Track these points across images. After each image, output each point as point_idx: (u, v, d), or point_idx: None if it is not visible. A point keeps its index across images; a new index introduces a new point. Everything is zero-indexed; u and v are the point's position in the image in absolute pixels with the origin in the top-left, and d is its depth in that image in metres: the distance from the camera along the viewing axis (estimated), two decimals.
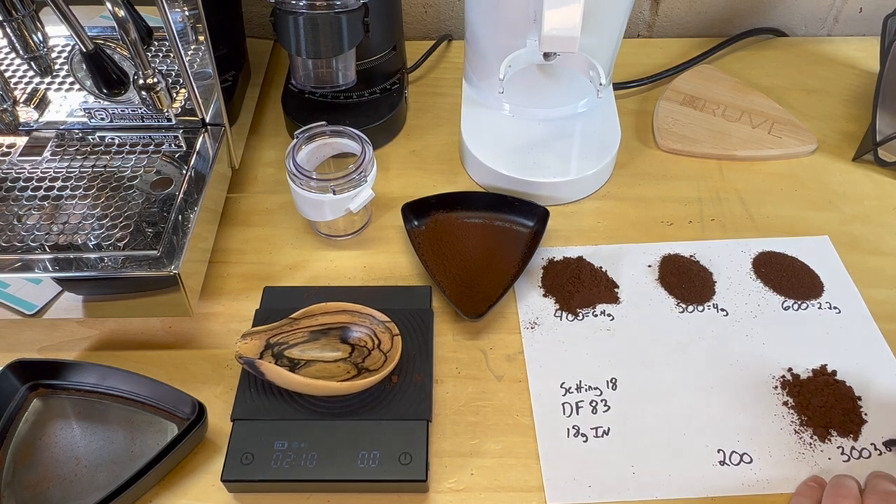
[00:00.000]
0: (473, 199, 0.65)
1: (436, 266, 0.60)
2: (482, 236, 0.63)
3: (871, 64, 0.83)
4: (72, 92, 0.66)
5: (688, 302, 0.59)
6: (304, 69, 0.65)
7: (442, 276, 0.60)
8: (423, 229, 0.63)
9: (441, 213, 0.65)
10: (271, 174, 0.71)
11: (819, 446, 0.50)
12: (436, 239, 0.63)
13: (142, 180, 0.59)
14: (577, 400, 0.53)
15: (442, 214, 0.64)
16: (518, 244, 0.62)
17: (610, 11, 0.60)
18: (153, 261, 0.52)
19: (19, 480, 0.48)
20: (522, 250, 0.62)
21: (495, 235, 0.63)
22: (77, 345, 0.57)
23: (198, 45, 0.61)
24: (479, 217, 0.65)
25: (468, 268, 0.61)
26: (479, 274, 0.60)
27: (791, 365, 0.55)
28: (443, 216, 0.64)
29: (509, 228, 0.64)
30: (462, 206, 0.65)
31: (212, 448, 0.51)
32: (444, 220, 0.64)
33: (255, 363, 0.49)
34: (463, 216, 0.65)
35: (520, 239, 0.63)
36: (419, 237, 0.63)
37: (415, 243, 0.61)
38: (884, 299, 0.59)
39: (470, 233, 0.64)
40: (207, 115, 0.63)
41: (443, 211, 0.65)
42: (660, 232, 0.65)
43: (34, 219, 0.55)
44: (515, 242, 0.63)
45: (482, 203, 0.65)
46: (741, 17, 0.90)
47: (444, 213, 0.65)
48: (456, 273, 0.60)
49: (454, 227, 0.64)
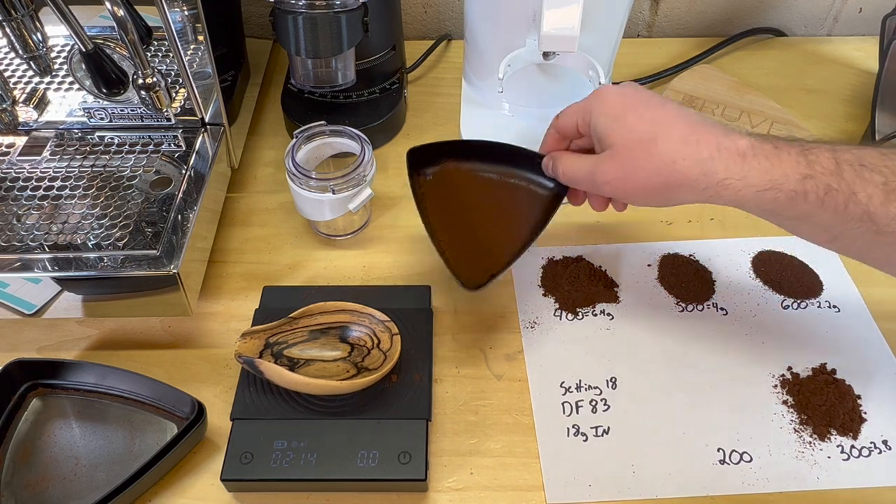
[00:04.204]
0: (490, 151, 0.58)
1: (438, 224, 0.54)
2: (495, 194, 0.57)
3: (870, 64, 0.84)
4: (71, 92, 0.66)
5: (687, 301, 0.59)
6: (304, 69, 0.65)
7: (444, 236, 0.54)
8: (430, 178, 0.57)
9: (451, 163, 0.58)
10: (271, 174, 0.71)
11: (819, 445, 0.50)
12: (442, 192, 0.56)
13: (141, 180, 0.59)
14: (577, 399, 0.53)
15: (452, 164, 0.58)
16: (534, 207, 0.56)
17: (609, 11, 0.60)
18: (152, 260, 0.52)
19: (19, 480, 0.48)
20: (538, 214, 0.55)
21: (510, 194, 0.57)
22: (76, 344, 0.57)
23: (197, 45, 0.61)
24: (494, 172, 0.58)
25: (474, 229, 0.55)
26: (486, 237, 0.54)
27: (791, 364, 0.55)
28: (453, 166, 0.58)
29: (526, 188, 0.57)
30: (476, 157, 0.58)
31: (211, 447, 0.51)
32: (454, 172, 0.57)
33: (254, 362, 0.49)
34: (476, 168, 0.58)
35: (537, 201, 0.56)
36: (423, 187, 0.56)
37: (417, 195, 0.55)
38: (883, 298, 0.59)
39: (482, 189, 0.57)
40: (207, 114, 0.63)
41: (453, 160, 0.58)
42: (659, 231, 0.65)
43: (34, 218, 0.55)
44: (532, 205, 0.56)
45: (499, 156, 0.57)
46: (741, 17, 0.90)
47: (455, 162, 0.58)
48: (460, 234, 0.54)
49: (465, 181, 0.57)
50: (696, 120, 0.45)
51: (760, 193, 0.43)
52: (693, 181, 0.44)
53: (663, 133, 0.45)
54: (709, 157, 0.43)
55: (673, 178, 0.44)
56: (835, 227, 0.42)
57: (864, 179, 0.40)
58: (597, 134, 0.48)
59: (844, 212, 0.41)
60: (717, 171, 0.43)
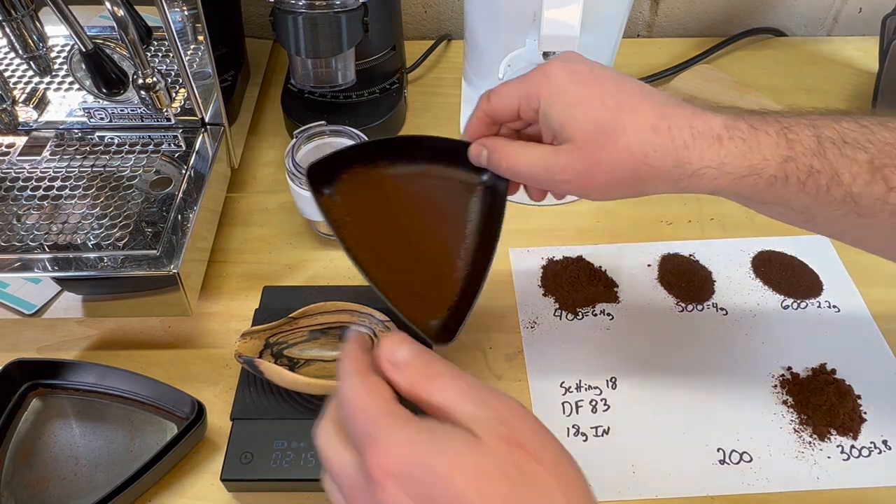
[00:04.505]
0: (405, 149, 0.46)
1: (367, 258, 0.42)
2: (427, 204, 0.46)
3: (870, 64, 0.83)
4: (71, 92, 0.66)
5: (687, 301, 0.59)
6: (304, 69, 0.65)
7: (379, 273, 0.42)
8: (340, 200, 0.44)
9: (361, 174, 0.45)
10: (271, 174, 0.71)
11: (818, 445, 0.50)
12: (361, 215, 0.44)
13: (141, 180, 0.59)
14: (577, 399, 0.53)
15: (361, 176, 0.45)
16: (472, 207, 0.46)
17: (609, 11, 0.60)
18: (152, 260, 0.52)
19: (19, 480, 0.48)
20: (480, 216, 0.45)
21: (445, 200, 0.46)
22: (76, 344, 0.57)
23: (197, 45, 0.61)
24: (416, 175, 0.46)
25: (411, 253, 0.44)
26: (428, 261, 0.44)
27: (790, 364, 0.55)
28: (363, 178, 0.45)
29: (461, 187, 0.46)
30: (390, 159, 0.46)
31: (211, 447, 0.51)
32: (368, 184, 0.45)
33: (254, 362, 0.49)
34: (394, 174, 0.46)
35: (476, 201, 0.46)
36: (335, 212, 0.44)
37: (333, 224, 0.43)
38: (883, 298, 0.59)
39: (408, 201, 0.45)
40: (207, 114, 0.63)
41: (360, 166, 0.45)
42: (659, 231, 0.65)
43: (33, 218, 0.55)
44: (470, 206, 0.46)
45: (418, 153, 0.46)
46: (741, 17, 0.90)
47: (363, 168, 0.45)
48: (396, 264, 0.42)
49: (384, 192, 0.45)
50: (661, 100, 0.40)
51: (738, 181, 0.39)
52: (665, 173, 0.39)
53: (630, 120, 0.39)
54: (683, 146, 0.39)
55: (643, 172, 0.39)
56: (813, 210, 0.39)
57: (848, 158, 0.37)
58: (551, 124, 0.41)
59: (826, 194, 0.38)
60: (692, 161, 0.39)
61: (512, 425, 0.30)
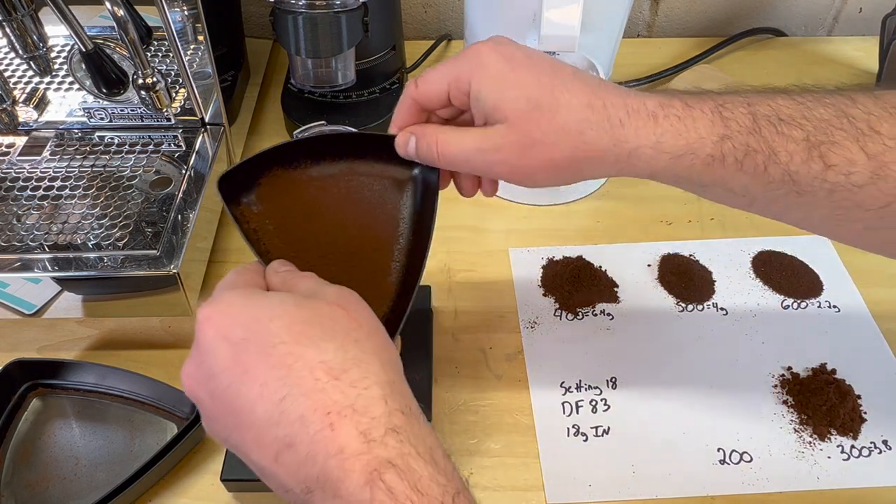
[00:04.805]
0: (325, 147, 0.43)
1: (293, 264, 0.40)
2: (346, 203, 0.44)
3: (870, 64, 0.83)
4: (71, 92, 0.66)
5: (687, 301, 0.59)
6: (304, 69, 0.65)
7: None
8: (260, 209, 0.42)
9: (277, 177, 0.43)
10: None
11: (819, 445, 0.50)
12: (283, 223, 0.42)
13: (141, 180, 0.59)
14: (577, 399, 0.53)
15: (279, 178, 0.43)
16: (404, 203, 0.44)
17: (609, 11, 0.60)
18: (152, 260, 0.52)
19: (19, 480, 0.48)
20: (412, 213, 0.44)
21: (369, 195, 0.44)
22: (76, 344, 0.57)
23: (197, 45, 0.61)
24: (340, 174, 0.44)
25: (341, 257, 0.42)
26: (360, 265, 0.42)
27: (790, 364, 0.55)
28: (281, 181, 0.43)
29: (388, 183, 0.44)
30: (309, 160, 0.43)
31: (211, 447, 0.51)
32: (286, 186, 0.43)
33: None
34: (315, 177, 0.43)
35: (404, 195, 0.44)
36: (253, 222, 0.42)
37: (251, 237, 0.42)
38: (883, 298, 0.59)
39: (331, 199, 0.43)
40: (207, 114, 0.63)
41: (279, 169, 0.43)
42: (659, 231, 0.65)
43: (34, 218, 0.55)
44: (399, 202, 0.44)
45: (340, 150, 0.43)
46: (741, 17, 0.90)
47: (284, 171, 0.43)
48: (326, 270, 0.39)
49: (306, 198, 0.43)
50: (592, 81, 0.39)
51: (675, 160, 0.38)
52: (603, 152, 0.38)
53: (565, 99, 0.38)
54: (618, 124, 0.38)
55: (580, 151, 0.38)
56: (753, 191, 0.38)
57: (784, 136, 0.37)
58: (483, 106, 0.39)
59: (764, 174, 0.37)
60: (629, 139, 0.38)
61: (348, 300, 0.35)
